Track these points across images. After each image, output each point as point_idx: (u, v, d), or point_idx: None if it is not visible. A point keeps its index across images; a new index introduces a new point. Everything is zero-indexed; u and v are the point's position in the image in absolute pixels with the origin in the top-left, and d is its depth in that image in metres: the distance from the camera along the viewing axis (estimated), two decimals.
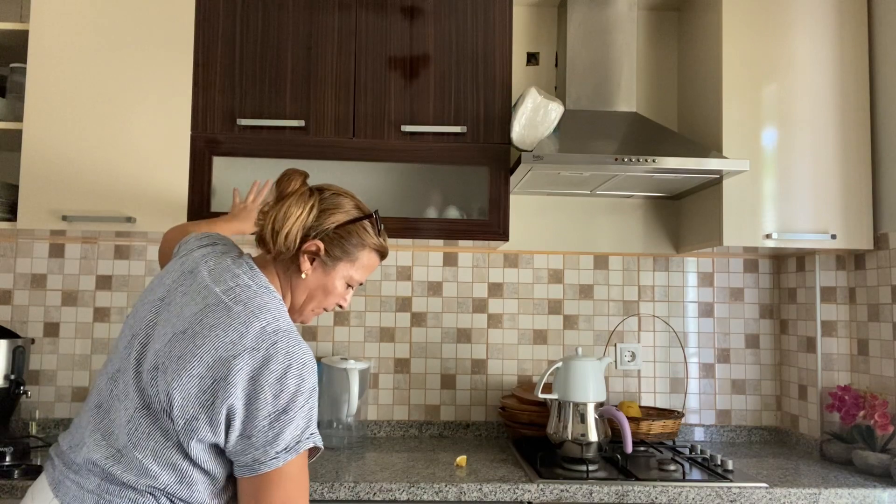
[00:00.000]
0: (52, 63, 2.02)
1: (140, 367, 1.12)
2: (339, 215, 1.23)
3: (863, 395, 2.09)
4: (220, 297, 1.13)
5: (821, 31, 2.16)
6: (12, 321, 2.32)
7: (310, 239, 1.21)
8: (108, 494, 1.08)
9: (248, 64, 2.02)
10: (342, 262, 1.24)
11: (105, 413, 1.14)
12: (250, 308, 1.12)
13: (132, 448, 1.09)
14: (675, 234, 2.50)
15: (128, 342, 1.17)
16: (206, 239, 1.30)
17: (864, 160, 2.14)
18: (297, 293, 1.25)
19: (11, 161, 2.34)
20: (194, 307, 1.13)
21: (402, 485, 1.73)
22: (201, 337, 1.08)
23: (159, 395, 1.08)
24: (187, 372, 1.07)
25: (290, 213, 1.19)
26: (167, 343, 1.11)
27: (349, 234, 1.24)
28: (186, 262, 1.22)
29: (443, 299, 2.44)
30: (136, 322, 1.18)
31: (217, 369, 1.06)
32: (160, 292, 1.19)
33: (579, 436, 1.95)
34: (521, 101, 2.05)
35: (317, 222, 1.22)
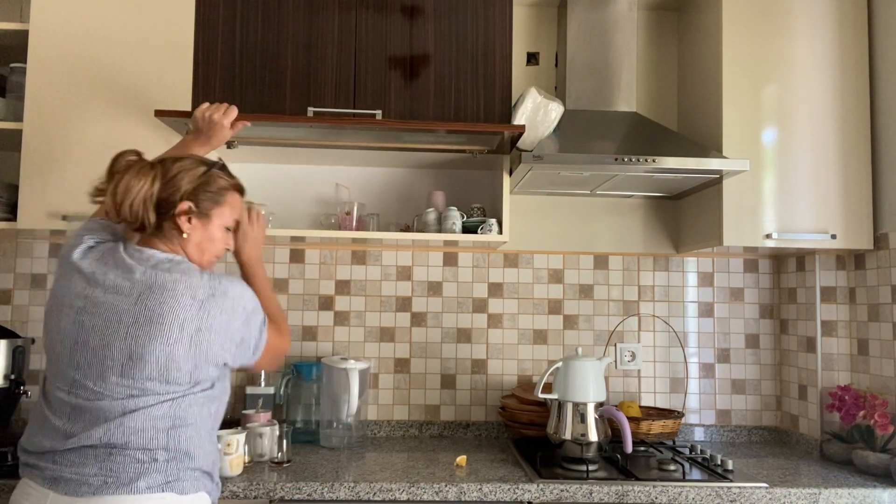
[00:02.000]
0: (52, 63, 2.02)
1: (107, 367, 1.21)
2: (189, 174, 1.35)
3: (863, 395, 2.09)
4: (144, 281, 1.25)
5: (821, 31, 2.16)
6: (12, 321, 2.32)
7: (177, 203, 1.32)
8: (114, 472, 1.17)
9: (248, 64, 2.02)
10: (214, 209, 1.38)
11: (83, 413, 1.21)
12: (174, 273, 1.27)
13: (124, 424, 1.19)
14: (675, 234, 2.50)
15: (69, 355, 1.23)
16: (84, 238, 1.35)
17: (864, 160, 2.14)
18: (188, 252, 1.37)
19: (11, 161, 2.34)
20: (128, 299, 1.24)
21: (402, 485, 1.73)
22: (157, 315, 1.22)
23: (150, 376, 1.22)
24: (167, 344, 1.21)
25: (132, 185, 1.29)
26: (126, 337, 1.22)
27: (207, 184, 1.37)
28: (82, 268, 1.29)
29: (443, 299, 2.44)
30: (67, 337, 1.25)
31: (189, 325, 1.23)
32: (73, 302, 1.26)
33: (579, 436, 1.95)
34: (521, 101, 2.05)
35: (169, 189, 1.32)
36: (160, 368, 1.22)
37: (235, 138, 2.08)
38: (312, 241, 2.32)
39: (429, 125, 1.91)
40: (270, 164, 2.42)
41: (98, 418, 1.20)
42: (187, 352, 1.23)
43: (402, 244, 2.38)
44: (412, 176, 2.46)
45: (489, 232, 2.16)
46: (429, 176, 2.46)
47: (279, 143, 2.16)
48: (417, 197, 2.45)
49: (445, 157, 2.27)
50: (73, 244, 1.34)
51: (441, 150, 2.18)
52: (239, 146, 2.18)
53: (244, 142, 2.15)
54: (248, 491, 1.72)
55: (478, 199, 2.45)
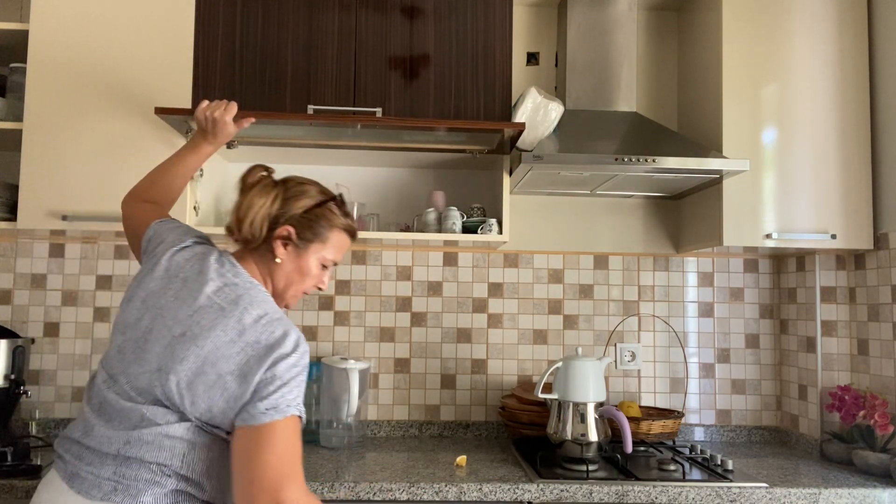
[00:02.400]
0: (52, 63, 2.02)
1: (140, 370, 1.18)
2: (304, 200, 1.31)
3: (863, 395, 2.09)
4: (212, 297, 1.20)
5: (821, 32, 2.16)
6: (12, 321, 2.32)
7: (280, 225, 1.28)
8: (126, 479, 1.13)
9: (248, 63, 2.02)
10: (313, 243, 1.31)
11: (108, 413, 1.19)
12: (241, 304, 1.19)
13: (142, 437, 1.15)
14: (675, 234, 2.50)
15: (119, 346, 1.22)
16: (183, 238, 1.33)
17: (864, 160, 2.14)
18: (276, 279, 1.31)
19: (11, 161, 2.34)
20: (187, 310, 1.19)
21: (402, 485, 1.73)
22: (202, 339, 1.16)
23: (168, 395, 1.15)
24: (194, 373, 1.14)
25: (254, 203, 1.27)
26: (166, 346, 1.17)
27: (317, 217, 1.32)
28: (170, 266, 1.27)
29: (443, 299, 2.44)
30: (127, 328, 1.23)
31: (221, 366, 1.14)
32: (147, 297, 1.24)
33: (579, 436, 1.95)
34: (521, 101, 2.05)
35: (283, 209, 1.29)
36: (178, 392, 1.14)
37: (235, 138, 2.08)
38: None
39: (429, 122, 1.91)
40: (270, 164, 2.41)
41: (119, 421, 1.17)
42: (206, 390, 1.14)
43: (402, 244, 2.38)
44: (412, 176, 2.46)
45: (489, 232, 2.16)
46: (429, 176, 2.46)
47: (279, 143, 2.16)
48: (417, 197, 2.45)
49: (445, 157, 2.27)
50: (172, 241, 1.31)
51: (441, 150, 2.18)
52: (239, 146, 2.18)
53: (244, 142, 2.15)
54: None
55: (478, 199, 2.45)
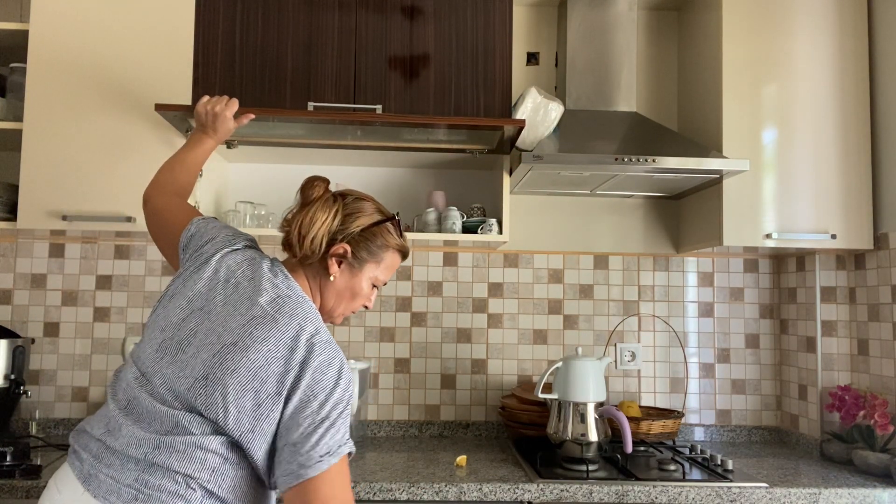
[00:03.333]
0: (52, 63, 2.02)
1: (181, 374, 1.12)
2: (363, 219, 1.28)
3: (863, 394, 2.09)
4: (266, 308, 1.15)
5: (821, 32, 2.16)
6: (12, 321, 2.32)
7: (337, 243, 1.25)
8: (148, 488, 1.07)
9: (248, 62, 2.02)
10: (368, 263, 1.29)
11: (137, 413, 1.13)
12: (296, 320, 1.15)
13: (173, 444, 1.09)
14: (675, 234, 2.50)
15: (158, 345, 1.17)
16: (234, 240, 1.29)
17: (864, 160, 2.14)
18: (326, 296, 1.28)
19: (11, 161, 2.34)
20: (240, 318, 1.14)
21: (402, 485, 1.73)
22: (254, 351, 1.11)
23: (211, 405, 1.09)
24: (242, 386, 1.09)
25: (316, 219, 1.24)
26: (216, 354, 1.12)
27: (374, 236, 1.28)
28: (219, 268, 1.22)
29: (443, 299, 2.44)
30: (169, 326, 1.17)
31: (271, 384, 1.09)
32: (193, 298, 1.19)
33: (579, 436, 1.95)
34: (521, 101, 2.05)
35: (342, 226, 1.26)
36: (224, 404, 1.09)
37: (235, 137, 2.08)
38: None
39: (429, 119, 1.91)
40: (270, 164, 2.42)
41: (149, 423, 1.11)
42: (252, 403, 1.09)
43: None
44: (412, 176, 2.46)
45: (489, 232, 2.16)
46: (429, 176, 2.46)
47: (279, 143, 2.16)
48: (417, 197, 2.45)
49: (445, 157, 2.27)
50: (224, 242, 1.27)
51: (441, 149, 2.18)
52: (239, 146, 2.18)
53: (244, 141, 2.15)
54: None
55: (478, 199, 2.45)
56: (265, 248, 2.38)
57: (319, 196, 1.28)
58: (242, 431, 1.08)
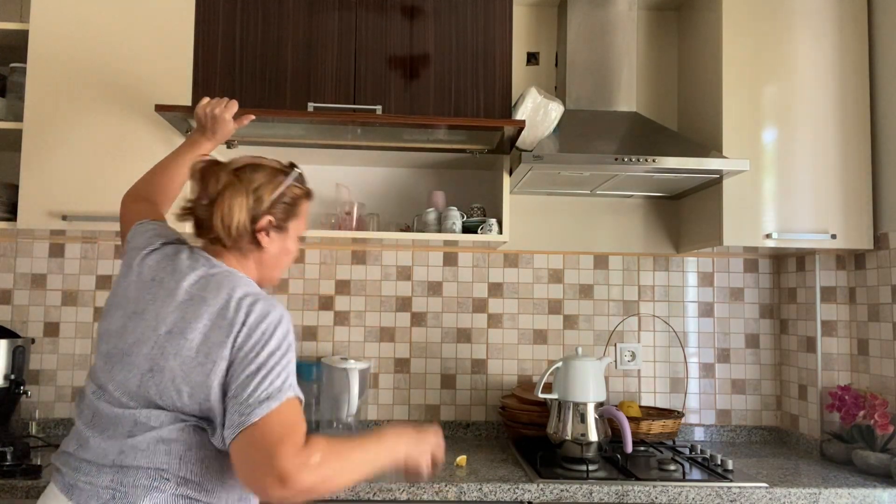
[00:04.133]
0: (52, 63, 2.02)
1: (129, 374, 1.17)
2: (271, 187, 1.29)
3: (863, 394, 2.09)
4: (192, 291, 1.20)
5: (821, 31, 2.16)
6: (12, 321, 2.32)
7: (260, 217, 1.27)
8: (123, 486, 1.12)
9: (248, 62, 2.02)
10: (291, 222, 1.33)
11: (101, 424, 1.18)
12: (223, 290, 1.19)
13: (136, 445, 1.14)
14: (675, 234, 2.50)
15: (105, 355, 1.22)
16: (154, 240, 1.33)
17: (864, 160, 2.14)
18: (264, 265, 1.32)
19: (11, 161, 2.34)
20: (170, 308, 1.19)
21: (402, 485, 1.73)
22: (190, 331, 1.15)
23: (164, 393, 1.15)
24: (188, 365, 1.14)
25: (234, 205, 1.25)
26: (154, 346, 1.17)
27: (285, 195, 1.31)
28: (142, 271, 1.26)
29: (443, 299, 2.44)
30: (111, 337, 1.22)
31: (215, 352, 1.13)
32: (125, 304, 1.24)
33: (579, 436, 1.95)
34: (521, 100, 2.05)
35: (257, 202, 1.28)
36: (175, 387, 1.13)
37: (235, 137, 2.08)
38: (312, 240, 2.32)
39: (429, 119, 1.91)
40: None
41: (113, 430, 1.16)
42: (202, 376, 1.12)
43: (402, 244, 2.38)
44: (412, 176, 2.46)
45: (489, 232, 2.16)
46: (429, 176, 2.46)
47: (279, 143, 2.16)
48: (417, 197, 2.45)
49: (445, 157, 2.27)
50: (140, 246, 1.31)
51: (441, 149, 2.18)
52: (239, 146, 2.18)
53: (244, 141, 2.15)
54: None
55: (478, 199, 2.45)
56: None
57: (228, 182, 1.27)
58: (200, 402, 1.13)
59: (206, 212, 1.26)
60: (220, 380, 1.13)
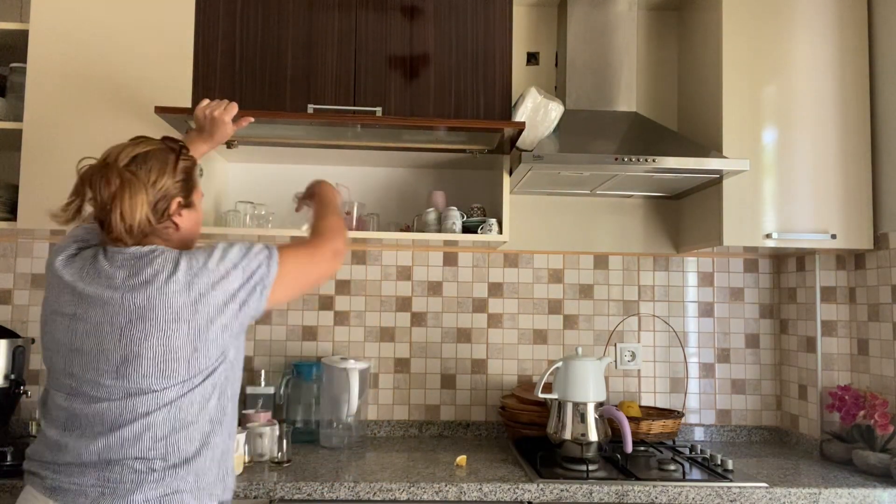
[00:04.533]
0: (52, 63, 2.02)
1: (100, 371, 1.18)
2: (167, 171, 1.30)
3: (863, 394, 2.09)
4: (128, 282, 1.20)
5: (821, 32, 2.16)
6: (12, 321, 2.32)
7: (169, 203, 1.29)
8: (111, 483, 1.15)
9: (247, 63, 2.02)
10: (194, 193, 1.37)
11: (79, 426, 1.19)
12: (155, 263, 1.21)
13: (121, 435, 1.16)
14: (675, 234, 2.50)
15: (65, 362, 1.21)
16: (71, 246, 1.31)
17: (864, 160, 2.14)
18: (183, 239, 1.35)
19: (11, 161, 2.34)
20: (117, 301, 1.19)
21: (402, 485, 1.74)
22: (149, 311, 1.18)
23: (145, 376, 1.17)
24: (160, 341, 1.17)
25: (135, 205, 1.23)
26: (119, 339, 1.18)
27: (182, 172, 1.33)
28: (72, 281, 1.24)
29: (443, 299, 2.44)
30: (60, 344, 1.22)
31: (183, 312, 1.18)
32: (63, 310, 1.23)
33: (579, 436, 1.95)
34: (521, 100, 2.05)
35: (161, 191, 1.28)
36: (157, 363, 1.17)
37: (235, 137, 2.08)
38: None
39: (429, 121, 1.91)
40: (270, 164, 2.42)
41: (94, 426, 1.17)
42: (186, 339, 1.18)
43: (402, 244, 2.38)
44: (412, 176, 2.46)
45: (489, 232, 2.16)
46: (429, 176, 2.46)
47: (279, 143, 2.16)
48: (417, 197, 2.45)
49: (445, 157, 2.27)
50: (57, 252, 1.30)
51: (441, 149, 2.18)
52: (239, 146, 2.18)
53: (244, 142, 2.15)
54: (247, 491, 1.72)
55: (478, 199, 2.45)
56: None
57: (126, 180, 1.23)
58: (188, 361, 1.19)
59: (105, 214, 1.24)
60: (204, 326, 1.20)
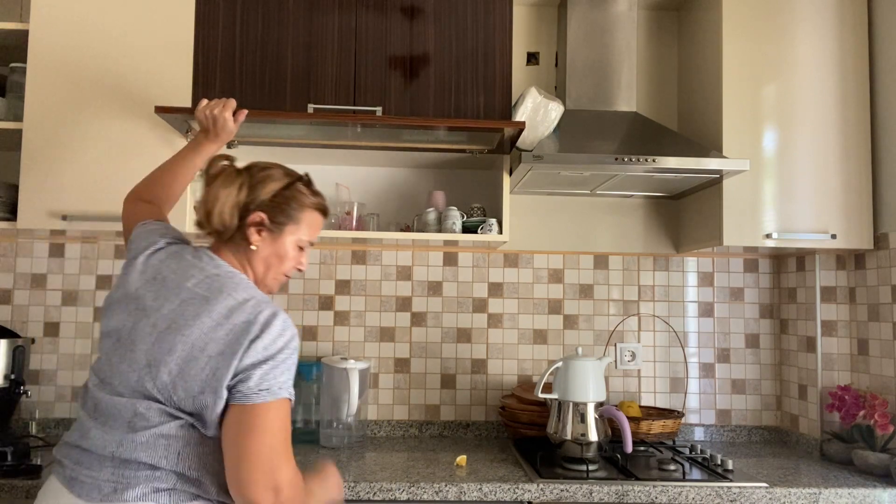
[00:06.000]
0: (52, 63, 2.02)
1: (129, 369, 1.19)
2: (271, 184, 1.31)
3: (863, 394, 2.09)
4: (195, 290, 1.21)
5: (821, 32, 2.16)
6: (12, 321, 2.32)
7: (251, 213, 1.28)
8: (125, 479, 1.14)
9: (248, 63, 2.02)
10: (288, 226, 1.32)
11: (103, 414, 1.20)
12: (225, 291, 1.21)
13: (136, 434, 1.16)
14: (675, 234, 2.50)
15: (107, 351, 1.24)
16: (156, 240, 1.34)
17: (864, 160, 2.14)
18: (255, 266, 1.32)
19: (11, 161, 2.34)
20: (171, 305, 1.20)
21: (402, 485, 1.74)
22: (187, 327, 1.17)
23: (160, 387, 1.16)
24: (183, 360, 1.15)
25: (219, 194, 1.27)
26: (154, 342, 1.18)
27: (287, 199, 1.31)
28: (146, 270, 1.28)
29: (443, 299, 2.44)
30: (114, 332, 1.24)
31: (210, 349, 1.15)
32: (128, 302, 1.25)
33: (579, 436, 1.95)
34: (521, 100, 2.05)
35: (252, 196, 1.29)
36: (171, 381, 1.15)
37: (235, 137, 2.08)
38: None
39: (429, 121, 1.91)
40: (266, 160, 2.41)
41: (113, 421, 1.18)
42: (198, 373, 1.14)
43: (402, 244, 2.38)
44: (412, 176, 2.46)
45: (489, 232, 2.16)
46: (429, 176, 2.46)
47: (279, 143, 2.16)
48: (417, 197, 2.45)
49: (445, 157, 2.27)
50: (145, 246, 1.32)
51: (441, 149, 2.18)
52: (239, 146, 2.18)
53: (244, 142, 2.15)
54: None
55: (478, 199, 2.45)
56: None
57: (219, 172, 1.30)
58: (194, 395, 1.14)
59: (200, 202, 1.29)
60: (216, 379, 1.14)
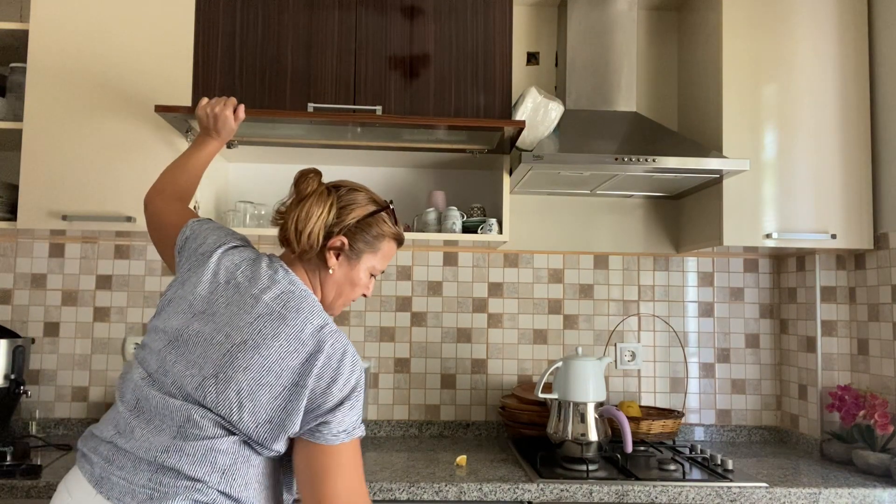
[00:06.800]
0: (52, 63, 2.02)
1: (188, 372, 1.14)
2: (358, 210, 1.29)
3: (863, 394, 2.09)
4: (272, 305, 1.17)
5: (821, 31, 2.16)
6: (12, 321, 2.32)
7: (333, 235, 1.26)
8: (163, 486, 1.09)
9: (248, 62, 2.02)
10: (366, 253, 1.30)
11: (148, 412, 1.14)
12: (302, 314, 1.17)
13: (185, 443, 1.11)
14: (675, 234, 2.50)
15: (163, 347, 1.18)
16: (227, 239, 1.30)
17: (864, 160, 2.14)
18: (326, 288, 1.29)
19: (11, 161, 2.34)
20: (247, 317, 1.16)
21: (402, 485, 1.73)
22: (265, 348, 1.13)
23: (222, 402, 1.11)
24: (256, 381, 1.11)
25: (312, 213, 1.24)
26: (226, 354, 1.13)
27: (369, 226, 1.29)
28: (218, 270, 1.23)
29: (443, 299, 2.44)
30: (171, 329, 1.18)
31: (286, 376, 1.12)
32: (194, 301, 1.20)
33: (579, 435, 1.95)
34: (521, 100, 2.05)
35: (338, 219, 1.27)
36: (238, 399, 1.11)
37: (235, 137, 2.08)
38: None
39: (429, 120, 1.91)
40: (270, 164, 2.42)
41: (161, 422, 1.12)
42: (268, 397, 1.11)
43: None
44: (412, 176, 2.46)
45: (489, 232, 2.16)
46: (429, 176, 2.46)
47: (279, 143, 2.16)
48: (417, 197, 2.45)
49: (445, 157, 2.27)
50: (216, 243, 1.27)
51: (441, 149, 2.18)
52: (239, 146, 2.18)
53: (244, 141, 2.15)
54: None
55: (478, 199, 2.45)
56: (265, 249, 2.38)
57: (314, 190, 1.28)
58: (259, 423, 1.11)
59: (288, 212, 1.26)
60: (290, 405, 1.11)
